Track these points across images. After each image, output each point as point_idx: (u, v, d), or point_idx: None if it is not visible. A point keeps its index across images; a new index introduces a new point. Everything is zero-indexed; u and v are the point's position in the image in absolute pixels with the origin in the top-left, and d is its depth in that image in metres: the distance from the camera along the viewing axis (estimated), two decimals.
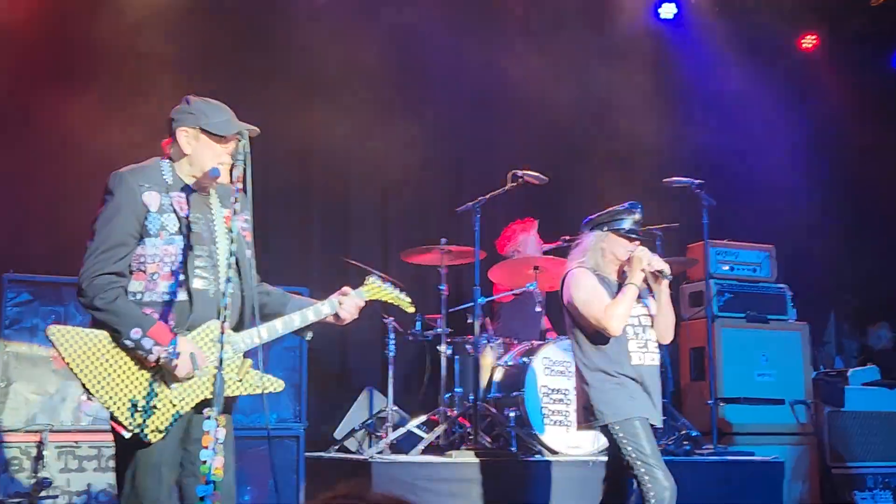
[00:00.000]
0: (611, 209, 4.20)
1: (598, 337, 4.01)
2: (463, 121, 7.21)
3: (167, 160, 3.13)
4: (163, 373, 2.93)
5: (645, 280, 4.04)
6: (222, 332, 2.83)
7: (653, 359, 4.11)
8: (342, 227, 6.82)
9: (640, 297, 4.06)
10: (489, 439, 5.39)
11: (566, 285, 4.14)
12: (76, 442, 4.74)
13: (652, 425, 4.00)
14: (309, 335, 3.27)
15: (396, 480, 4.80)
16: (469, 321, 5.65)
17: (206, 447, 2.73)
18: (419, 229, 6.09)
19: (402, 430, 5.44)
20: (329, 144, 6.38)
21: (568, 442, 5.33)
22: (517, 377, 5.43)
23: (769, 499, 5.47)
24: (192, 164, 3.10)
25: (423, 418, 5.54)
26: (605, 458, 4.25)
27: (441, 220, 6.22)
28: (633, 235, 4.12)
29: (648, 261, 4.01)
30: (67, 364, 2.91)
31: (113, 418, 2.89)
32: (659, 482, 3.83)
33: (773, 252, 6.90)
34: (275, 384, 3.14)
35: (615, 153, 7.42)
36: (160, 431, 2.92)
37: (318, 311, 3.23)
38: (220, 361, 2.80)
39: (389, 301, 3.49)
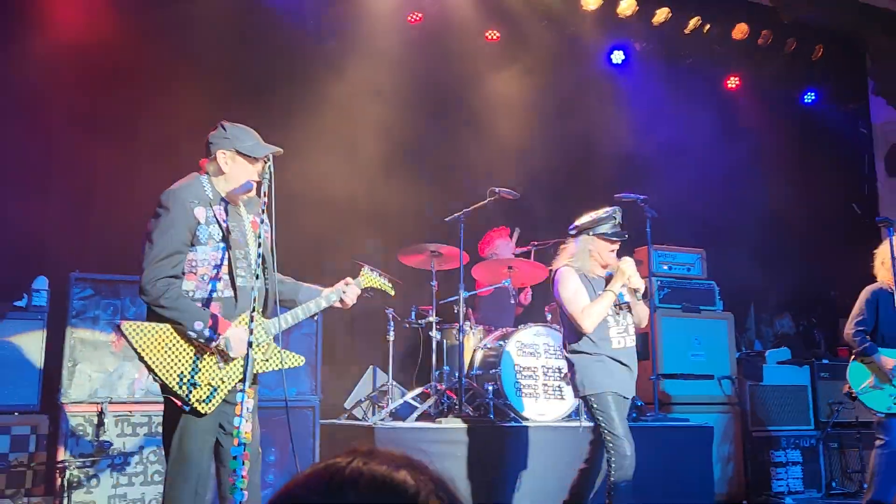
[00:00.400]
0: (594, 216, 4.07)
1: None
2: (452, 145, 7.19)
3: (205, 176, 3.12)
4: (214, 356, 2.96)
5: (623, 285, 3.98)
6: (251, 320, 2.85)
7: (631, 341, 4.04)
8: (351, 233, 6.79)
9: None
10: (471, 409, 5.38)
11: (555, 281, 4.07)
12: (130, 411, 4.72)
13: (626, 397, 3.97)
14: (316, 315, 3.38)
15: (396, 442, 4.79)
16: (455, 311, 5.64)
17: (238, 415, 2.74)
18: (414, 235, 6.06)
19: (400, 401, 5.43)
20: (341, 164, 6.37)
21: (537, 410, 5.33)
22: (494, 357, 5.42)
23: (701, 457, 5.45)
24: (228, 180, 3.11)
25: (417, 391, 5.51)
26: (590, 425, 4.20)
27: (432, 228, 6.20)
28: (616, 238, 4.03)
29: (630, 276, 3.95)
30: (137, 352, 2.92)
31: (171, 393, 2.91)
32: (620, 450, 3.81)
33: (703, 255, 6.88)
34: (296, 360, 3.19)
35: (576, 172, 7.42)
36: (208, 403, 2.94)
37: (328, 299, 3.30)
38: (249, 344, 2.81)
39: (378, 287, 3.54)
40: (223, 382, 2.98)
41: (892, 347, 4.67)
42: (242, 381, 2.81)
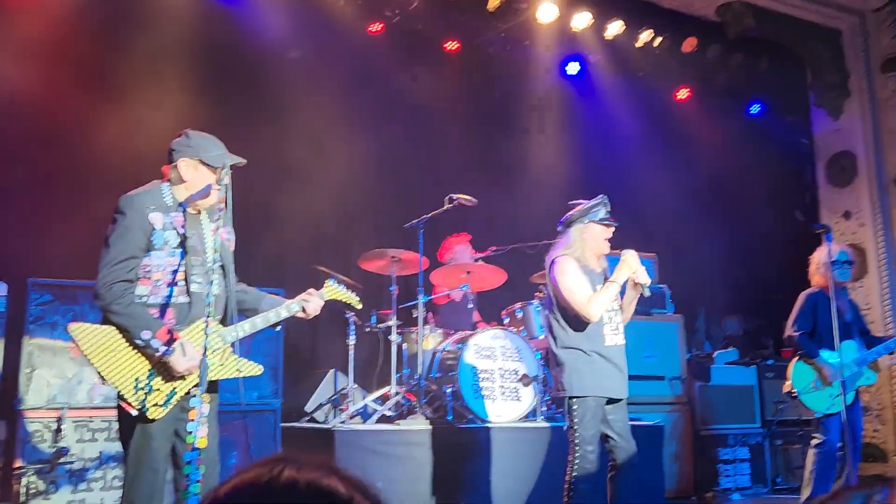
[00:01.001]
0: (583, 205, 3.96)
1: (579, 320, 3.82)
2: (412, 152, 7.23)
3: (167, 183, 3.10)
4: (164, 362, 2.92)
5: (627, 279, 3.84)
6: (206, 326, 2.85)
7: (622, 339, 3.94)
8: (313, 239, 6.78)
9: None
10: (430, 411, 5.42)
11: (552, 271, 3.90)
12: (90, 417, 4.65)
13: (618, 399, 3.87)
14: (279, 326, 3.31)
15: (356, 445, 4.80)
16: (414, 315, 5.67)
17: (192, 420, 2.74)
18: (374, 241, 6.08)
19: (360, 404, 5.44)
20: (305, 173, 6.36)
21: (494, 412, 5.38)
22: (453, 360, 5.46)
23: (652, 455, 5.53)
24: (189, 188, 3.07)
25: (377, 394, 5.53)
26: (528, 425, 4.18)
27: (392, 234, 6.23)
28: (609, 223, 3.94)
29: (635, 270, 3.83)
30: (85, 354, 2.87)
31: (122, 398, 2.88)
32: (583, 454, 3.71)
33: (656, 259, 6.98)
34: (253, 368, 3.15)
35: (531, 179, 7.51)
36: (159, 407, 2.91)
37: (289, 309, 3.27)
38: (205, 350, 2.81)
39: (343, 300, 3.52)
40: (178, 388, 2.95)
41: (829, 348, 4.83)
42: (197, 385, 2.80)
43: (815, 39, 8.36)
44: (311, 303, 3.29)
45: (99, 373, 2.87)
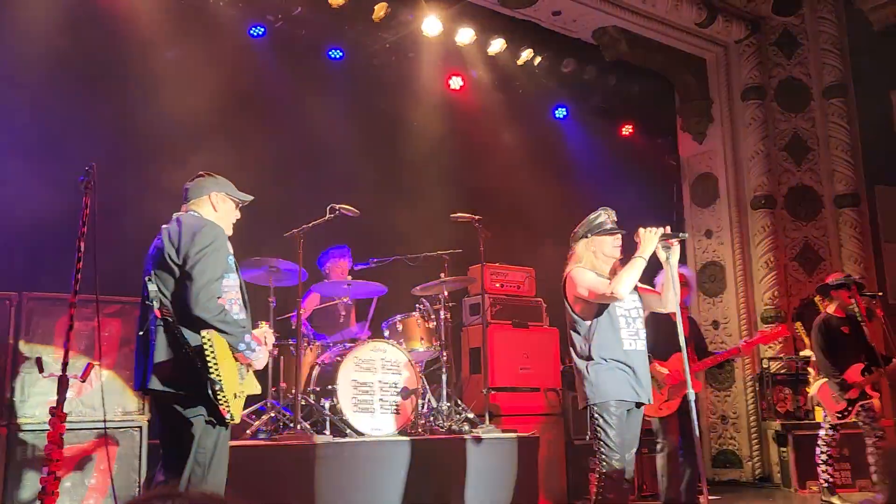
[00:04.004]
0: (588, 219, 4.03)
1: (595, 327, 3.84)
2: (293, 163, 7.12)
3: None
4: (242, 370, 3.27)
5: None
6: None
7: (642, 345, 3.93)
8: None
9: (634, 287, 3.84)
10: (308, 425, 5.34)
11: (568, 284, 3.95)
12: None
13: (640, 403, 3.87)
14: None
15: (230, 462, 4.65)
16: (293, 327, 5.58)
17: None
18: (253, 251, 5.94)
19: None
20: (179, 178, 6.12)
21: (372, 425, 5.36)
22: (332, 373, 5.40)
23: (528, 464, 5.70)
24: (221, 219, 3.51)
25: (252, 408, 5.41)
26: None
27: (271, 244, 6.12)
28: (615, 231, 3.97)
29: (657, 231, 3.79)
30: (214, 360, 3.07)
31: (221, 404, 3.09)
32: (611, 462, 3.72)
33: (532, 273, 7.20)
34: (257, 387, 3.49)
35: (415, 192, 7.57)
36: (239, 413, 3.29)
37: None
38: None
39: None
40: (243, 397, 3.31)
41: (664, 360, 5.21)
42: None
43: (683, 67, 8.92)
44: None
45: (216, 378, 3.06)
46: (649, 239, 3.81)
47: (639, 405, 3.93)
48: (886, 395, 6.78)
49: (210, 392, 3.07)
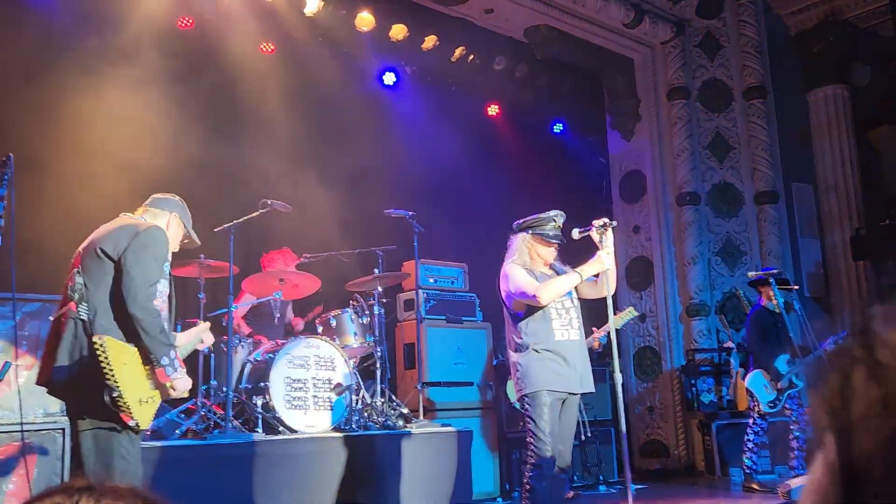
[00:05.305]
0: (538, 215, 4.08)
1: (527, 319, 3.90)
2: (224, 156, 6.99)
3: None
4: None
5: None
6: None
7: (576, 335, 3.97)
8: None
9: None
10: (239, 423, 5.27)
11: (502, 279, 4.02)
12: None
13: (571, 393, 3.91)
14: None
15: (158, 463, 4.56)
16: (224, 324, 5.50)
17: None
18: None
19: (162, 419, 5.17)
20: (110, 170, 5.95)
21: (305, 422, 5.33)
22: (264, 370, 5.34)
23: (462, 457, 5.75)
24: (171, 239, 3.48)
25: (182, 407, 5.30)
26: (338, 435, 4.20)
27: (202, 238, 6.00)
28: (553, 240, 4.02)
29: (609, 259, 3.91)
30: (111, 368, 2.97)
31: (121, 409, 2.99)
32: (540, 452, 3.75)
33: (466, 269, 7.25)
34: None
35: (349, 186, 7.53)
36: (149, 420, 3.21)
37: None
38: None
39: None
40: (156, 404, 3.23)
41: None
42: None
43: (612, 66, 9.13)
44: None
45: (113, 385, 2.96)
46: (598, 264, 3.93)
47: (573, 395, 3.99)
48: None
49: (108, 398, 2.99)
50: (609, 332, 4.01)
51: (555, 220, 4.09)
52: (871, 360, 0.38)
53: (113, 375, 2.95)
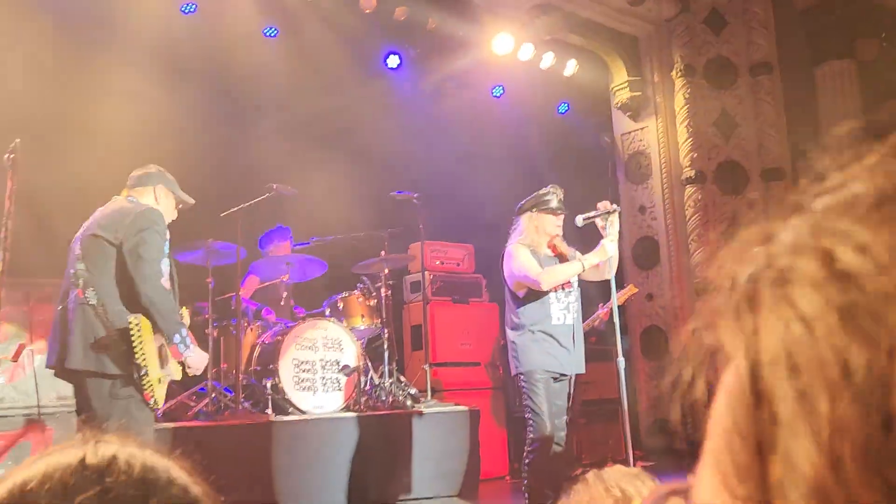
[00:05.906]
0: (536, 193, 4.14)
1: (526, 300, 3.98)
2: (230, 141, 7.03)
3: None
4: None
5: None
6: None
7: (571, 319, 4.04)
8: None
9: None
10: (249, 405, 5.35)
11: (505, 259, 4.08)
12: None
13: (563, 375, 4.00)
14: None
15: (172, 444, 4.64)
16: (233, 307, 5.56)
17: None
18: (191, 230, 5.88)
19: (173, 401, 5.25)
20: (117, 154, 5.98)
21: (314, 403, 5.40)
22: (273, 352, 5.42)
23: (470, 437, 5.82)
24: (165, 212, 3.55)
25: (193, 390, 5.38)
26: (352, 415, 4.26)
27: (209, 223, 6.06)
28: (559, 210, 4.09)
29: (610, 258, 4.00)
30: (139, 347, 3.10)
31: (146, 389, 3.12)
32: (539, 429, 3.84)
33: (472, 250, 7.30)
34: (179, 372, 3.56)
35: (354, 170, 7.55)
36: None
37: None
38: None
39: None
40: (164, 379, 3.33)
41: None
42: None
43: (617, 45, 9.08)
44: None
45: (141, 364, 3.09)
46: (601, 253, 4.02)
47: (564, 376, 4.08)
48: None
49: (136, 376, 3.06)
50: (613, 312, 4.07)
51: (555, 193, 4.17)
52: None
53: (143, 355, 3.03)
